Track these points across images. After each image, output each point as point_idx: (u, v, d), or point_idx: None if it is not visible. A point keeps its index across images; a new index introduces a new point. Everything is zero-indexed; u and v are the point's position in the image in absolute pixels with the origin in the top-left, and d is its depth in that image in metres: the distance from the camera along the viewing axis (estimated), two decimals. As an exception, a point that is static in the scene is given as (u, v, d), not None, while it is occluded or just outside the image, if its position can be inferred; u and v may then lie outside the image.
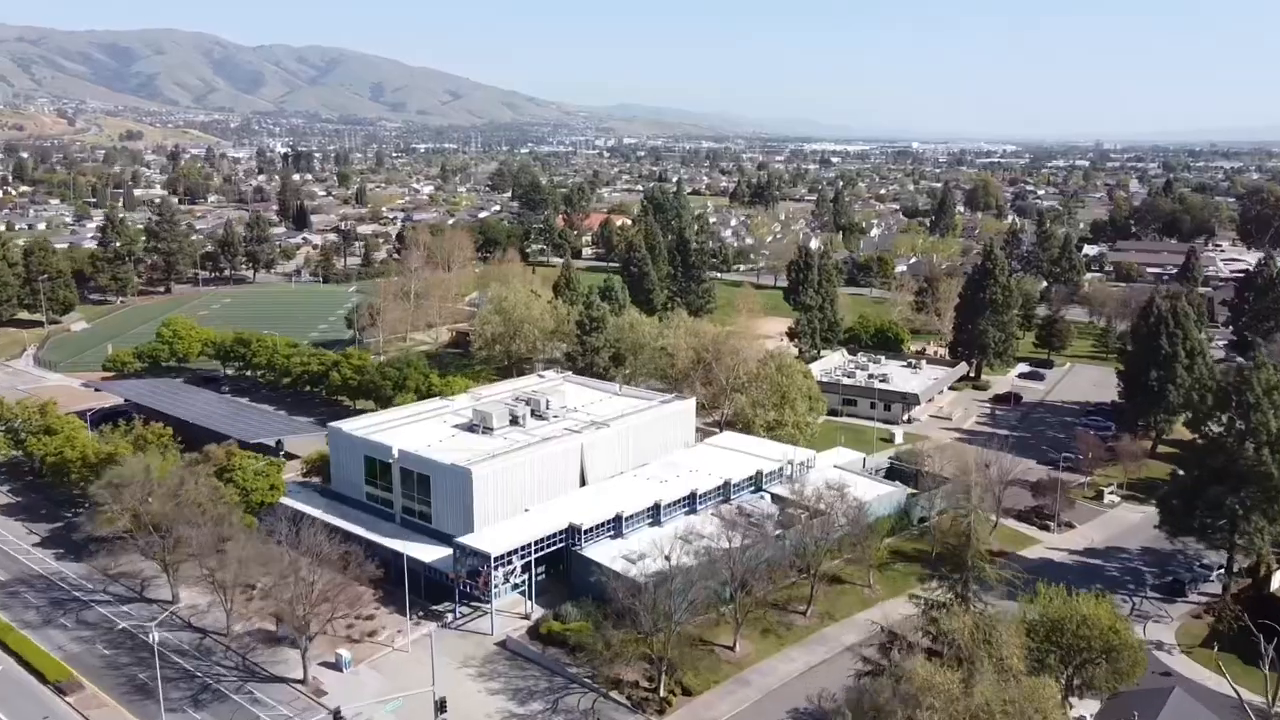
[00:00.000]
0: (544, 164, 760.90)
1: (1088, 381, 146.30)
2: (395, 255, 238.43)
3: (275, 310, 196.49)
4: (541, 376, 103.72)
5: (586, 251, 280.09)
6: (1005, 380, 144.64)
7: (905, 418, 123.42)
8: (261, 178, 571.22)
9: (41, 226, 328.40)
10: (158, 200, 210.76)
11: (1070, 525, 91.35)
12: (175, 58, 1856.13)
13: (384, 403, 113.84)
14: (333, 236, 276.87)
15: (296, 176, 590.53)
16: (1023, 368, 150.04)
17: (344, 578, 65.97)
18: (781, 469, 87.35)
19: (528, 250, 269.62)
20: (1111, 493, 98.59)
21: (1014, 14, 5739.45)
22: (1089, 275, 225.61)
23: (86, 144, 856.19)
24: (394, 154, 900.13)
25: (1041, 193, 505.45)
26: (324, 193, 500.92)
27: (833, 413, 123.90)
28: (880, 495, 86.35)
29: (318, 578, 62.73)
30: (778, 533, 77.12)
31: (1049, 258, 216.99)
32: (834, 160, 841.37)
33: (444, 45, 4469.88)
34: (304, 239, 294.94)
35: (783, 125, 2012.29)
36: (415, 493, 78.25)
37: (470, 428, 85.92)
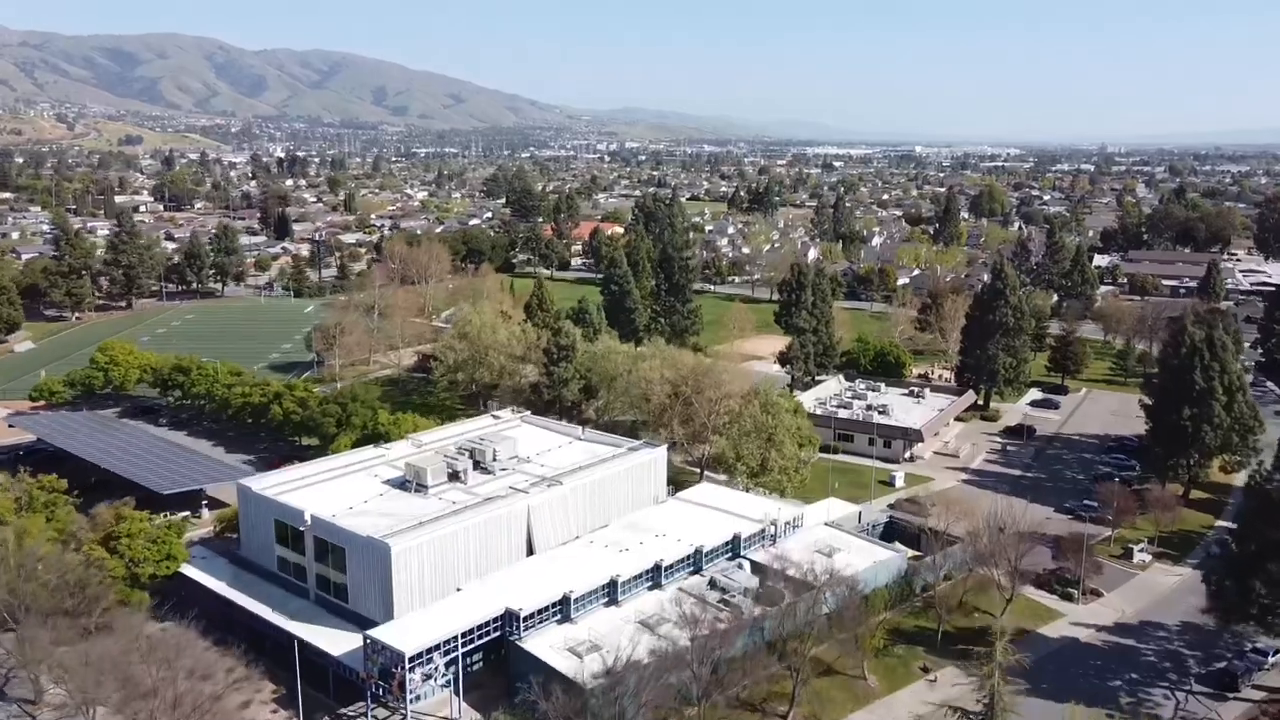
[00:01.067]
0: (543, 168, 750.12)
1: (1106, 410, 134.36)
2: (372, 267, 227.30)
3: (238, 327, 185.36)
4: (496, 417, 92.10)
5: (576, 262, 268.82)
6: (1016, 409, 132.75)
7: (907, 455, 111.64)
8: (253, 183, 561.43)
9: (15, 235, 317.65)
10: (115, 215, 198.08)
11: (1097, 593, 79.47)
12: (178, 62, 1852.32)
13: (327, 441, 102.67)
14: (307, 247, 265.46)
15: (290, 182, 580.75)
16: (1034, 394, 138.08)
17: (229, 676, 54.63)
18: (763, 531, 75.68)
19: (514, 261, 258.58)
20: (1142, 550, 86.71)
21: (1017, 18, 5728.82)
22: (1102, 288, 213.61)
23: (85, 149, 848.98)
24: (393, 158, 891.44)
25: (1047, 198, 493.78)
26: (314, 199, 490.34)
27: (827, 449, 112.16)
28: (878, 561, 74.61)
29: (186, 686, 51.22)
30: (757, 612, 65.55)
31: (1060, 270, 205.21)
32: (837, 165, 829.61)
33: (447, 49, 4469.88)
34: (283, 249, 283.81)
35: (786, 129, 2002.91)
36: (330, 567, 66.71)
37: (402, 485, 74.35)
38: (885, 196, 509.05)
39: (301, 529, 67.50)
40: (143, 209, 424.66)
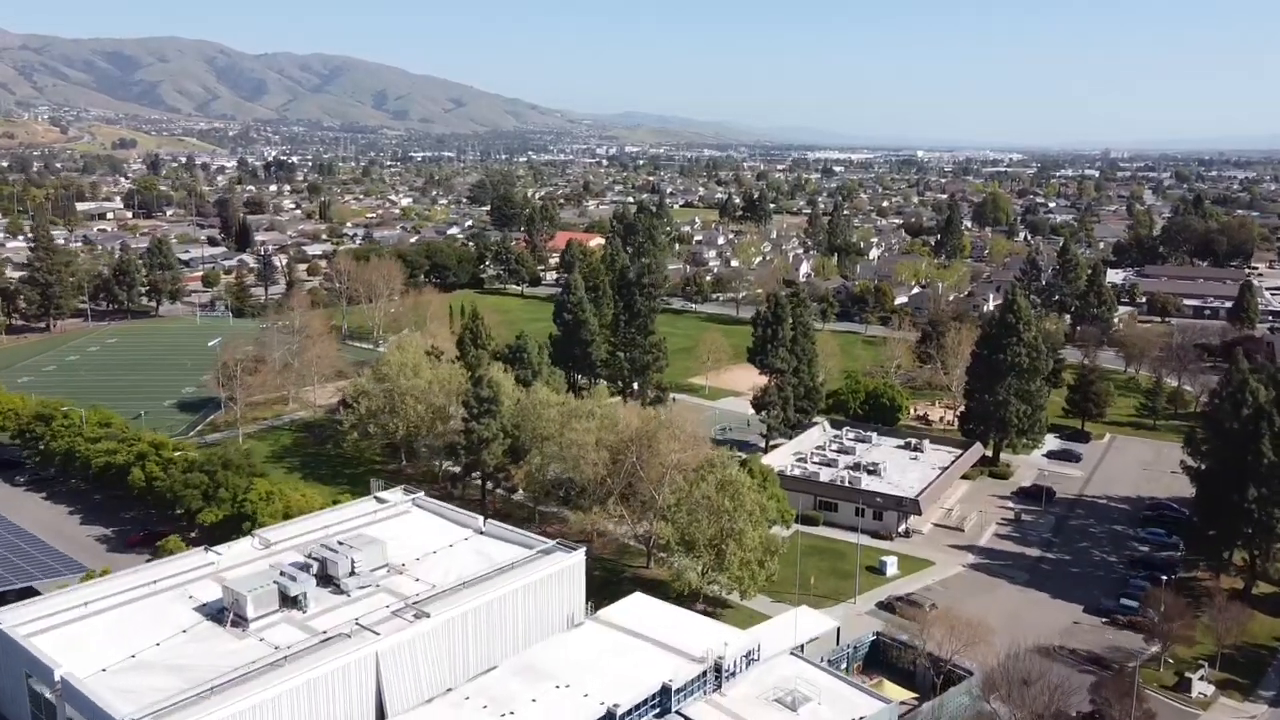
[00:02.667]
0: (537, 173, 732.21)
1: (1135, 462, 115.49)
2: (326, 284, 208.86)
3: (162, 354, 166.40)
4: (380, 500, 73.20)
5: (551, 276, 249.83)
6: (1030, 462, 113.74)
7: (901, 528, 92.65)
8: (238, 188, 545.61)
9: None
10: (29, 229, 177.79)
11: (1149, 750, 60.50)
12: (178, 65, 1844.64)
13: (189, 518, 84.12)
14: (252, 260, 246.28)
15: (274, 187, 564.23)
16: (1051, 442, 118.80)
17: None
18: (706, 674, 56.75)
19: (482, 276, 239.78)
20: (1202, 678, 67.61)
21: (1019, 21, 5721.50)
22: (1119, 309, 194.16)
23: (77, 152, 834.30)
24: (389, 162, 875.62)
25: (1053, 205, 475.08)
26: (294, 205, 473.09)
27: (807, 519, 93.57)
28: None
29: None
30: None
31: (1074, 290, 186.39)
32: (837, 169, 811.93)
33: (448, 54, 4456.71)
34: (240, 261, 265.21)
35: (787, 133, 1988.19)
36: (86, 749, 47.85)
37: (219, 614, 55.52)
38: (885, 204, 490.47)
39: (49, 695, 48.66)
40: (109, 216, 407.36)
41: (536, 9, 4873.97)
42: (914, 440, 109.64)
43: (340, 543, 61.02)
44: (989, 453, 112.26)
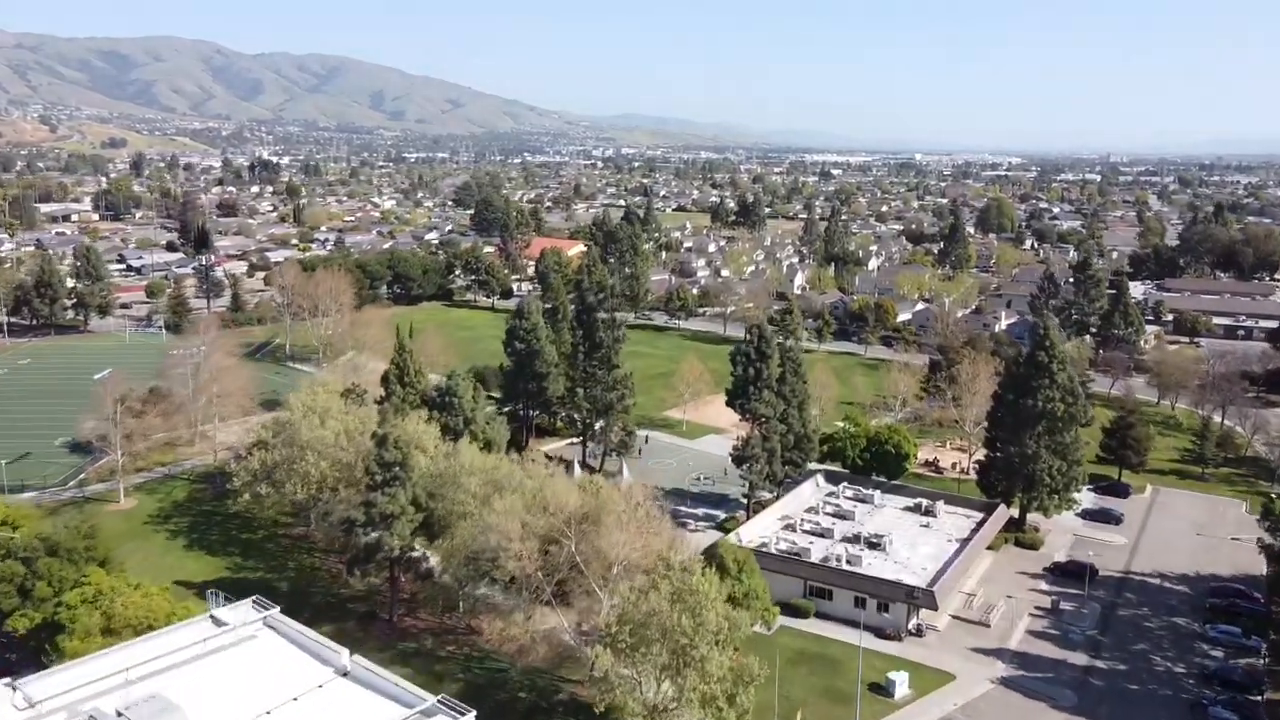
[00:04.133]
0: (530, 175, 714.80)
1: (1187, 524, 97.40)
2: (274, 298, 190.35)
3: (74, 379, 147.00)
4: (219, 623, 55.03)
5: (526, 287, 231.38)
6: (1063, 525, 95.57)
7: (912, 624, 74.49)
8: (218, 190, 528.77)
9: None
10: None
11: None
12: (174, 65, 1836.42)
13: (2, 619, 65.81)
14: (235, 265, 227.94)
15: (255, 188, 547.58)
16: (1086, 497, 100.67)
17: None
18: None
19: (451, 288, 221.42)
20: None
21: (1016, 28, 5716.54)
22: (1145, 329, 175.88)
23: (64, 152, 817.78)
24: (382, 163, 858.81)
25: (1057, 210, 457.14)
26: (271, 207, 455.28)
27: (794, 609, 75.66)
28: None
29: None
30: None
31: (1097, 309, 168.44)
32: (835, 173, 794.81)
33: (446, 54, 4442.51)
34: (193, 268, 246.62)
35: (785, 136, 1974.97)
36: None
37: (-97, 843, 37.52)
38: (884, 208, 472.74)
39: None
40: (74, 218, 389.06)
41: (536, 10, 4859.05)
42: (925, 501, 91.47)
43: (120, 713, 42.62)
44: (1014, 512, 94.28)
